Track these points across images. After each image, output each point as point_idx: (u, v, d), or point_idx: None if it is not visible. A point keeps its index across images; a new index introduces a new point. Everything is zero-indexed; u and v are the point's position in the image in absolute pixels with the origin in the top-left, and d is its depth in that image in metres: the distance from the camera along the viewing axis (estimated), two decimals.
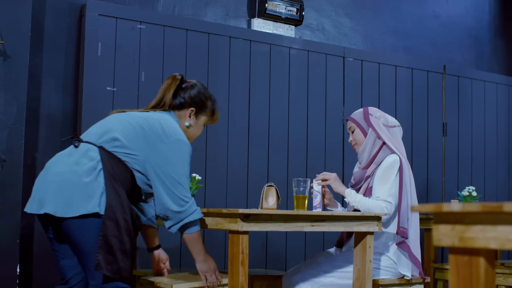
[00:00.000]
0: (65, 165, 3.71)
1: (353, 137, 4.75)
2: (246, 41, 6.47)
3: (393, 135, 4.74)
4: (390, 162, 4.57)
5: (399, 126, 4.82)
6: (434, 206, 1.93)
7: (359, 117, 4.73)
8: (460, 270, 1.90)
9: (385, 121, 4.73)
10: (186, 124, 4.16)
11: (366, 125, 4.70)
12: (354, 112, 4.80)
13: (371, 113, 4.72)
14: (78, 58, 5.80)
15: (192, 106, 4.18)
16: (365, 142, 4.68)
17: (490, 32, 8.61)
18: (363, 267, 4.21)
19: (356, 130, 4.72)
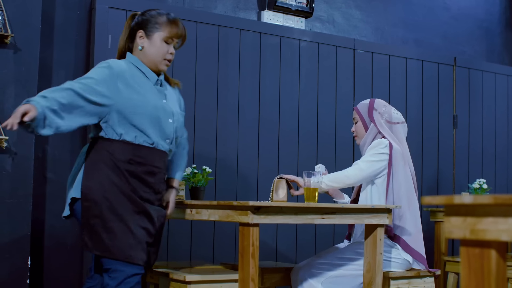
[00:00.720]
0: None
1: (355, 128, 4.76)
2: (256, 33, 6.47)
3: (395, 132, 4.71)
4: (377, 142, 4.57)
5: (403, 122, 4.77)
6: (445, 198, 1.92)
7: (363, 110, 4.72)
8: (472, 263, 1.90)
9: (389, 117, 4.70)
10: (139, 48, 4.03)
11: (368, 119, 4.68)
12: (361, 103, 4.79)
13: (375, 108, 4.69)
14: (88, 50, 5.81)
15: (138, 30, 4.06)
16: (365, 136, 4.68)
17: (501, 24, 8.57)
18: (373, 259, 4.21)
19: (358, 122, 4.73)
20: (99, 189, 3.71)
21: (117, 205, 3.72)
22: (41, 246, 5.59)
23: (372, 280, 4.21)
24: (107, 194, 3.70)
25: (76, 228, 5.66)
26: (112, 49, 5.74)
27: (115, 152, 3.79)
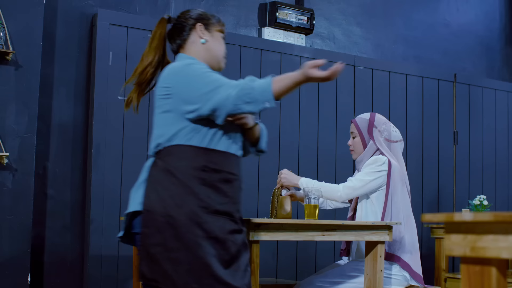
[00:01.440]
0: None
1: (352, 143, 4.67)
2: (256, 50, 6.48)
3: (393, 150, 4.65)
4: (374, 159, 4.52)
5: (401, 140, 4.72)
6: (446, 215, 1.92)
7: (363, 126, 4.64)
8: (472, 280, 1.90)
9: (388, 135, 4.64)
10: (202, 41, 3.62)
11: (368, 136, 4.61)
12: (360, 117, 4.71)
13: (376, 125, 4.63)
14: (89, 67, 5.82)
15: (198, 23, 3.64)
16: (363, 153, 4.60)
17: (501, 40, 8.59)
18: (374, 276, 4.20)
19: (357, 137, 4.64)
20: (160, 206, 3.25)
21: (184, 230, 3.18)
22: (41, 262, 5.58)
23: None
24: (173, 211, 3.20)
25: (76, 244, 5.65)
26: (113, 66, 5.75)
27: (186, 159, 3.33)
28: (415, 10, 7.86)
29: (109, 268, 5.64)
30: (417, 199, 7.33)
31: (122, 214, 5.64)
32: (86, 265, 5.60)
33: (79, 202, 5.72)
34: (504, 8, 8.65)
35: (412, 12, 7.83)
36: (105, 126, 5.69)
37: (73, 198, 5.71)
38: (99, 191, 5.63)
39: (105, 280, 5.62)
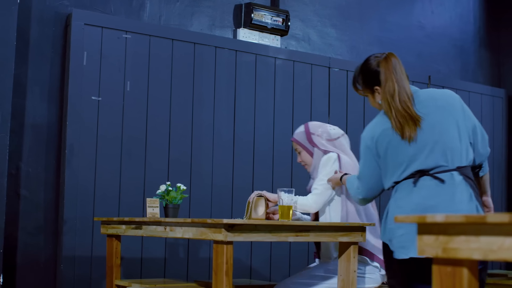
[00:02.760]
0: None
1: (301, 158, 4.69)
2: (231, 51, 6.48)
3: (339, 146, 4.68)
4: (324, 159, 4.55)
5: (343, 135, 4.74)
6: (418, 217, 1.93)
7: (302, 139, 4.65)
8: (444, 281, 1.91)
9: (327, 135, 4.65)
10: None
11: (310, 146, 4.63)
12: (296, 132, 4.72)
13: (312, 132, 4.64)
14: (63, 67, 5.79)
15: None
16: (314, 162, 4.62)
17: (475, 43, 8.64)
18: (347, 277, 4.21)
19: (302, 152, 4.66)
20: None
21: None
22: (13, 263, 5.54)
23: None
24: None
25: (49, 245, 5.62)
26: (87, 66, 5.73)
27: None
28: (390, 12, 7.89)
29: (82, 269, 5.61)
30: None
31: (96, 215, 5.62)
32: (59, 266, 5.57)
33: (52, 203, 5.68)
34: (478, 11, 8.70)
35: (387, 14, 7.86)
36: (78, 126, 5.67)
37: (46, 198, 5.67)
38: (72, 191, 5.60)
39: (78, 281, 5.59)
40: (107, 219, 5.00)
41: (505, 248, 1.76)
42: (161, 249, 5.97)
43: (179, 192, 4.83)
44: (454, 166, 3.48)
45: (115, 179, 5.81)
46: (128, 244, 5.74)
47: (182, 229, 4.08)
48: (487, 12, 8.79)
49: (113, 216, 5.64)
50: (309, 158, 4.65)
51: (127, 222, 4.76)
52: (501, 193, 8.37)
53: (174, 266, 6.03)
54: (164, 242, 5.99)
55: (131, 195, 5.86)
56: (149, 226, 4.46)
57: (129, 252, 5.80)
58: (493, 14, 8.83)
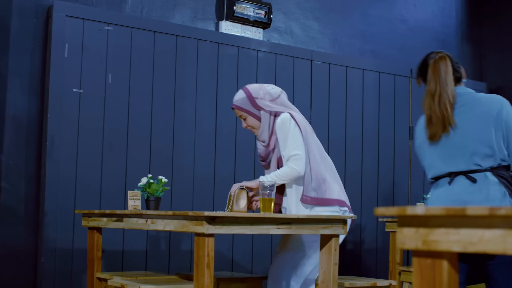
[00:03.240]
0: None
1: (247, 124, 4.69)
2: (214, 43, 6.47)
3: (283, 103, 4.72)
4: (279, 123, 4.56)
5: (282, 91, 4.78)
6: (398, 209, 1.93)
7: (246, 105, 4.66)
8: (424, 273, 1.91)
9: (270, 96, 4.68)
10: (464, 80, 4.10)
11: (256, 110, 4.65)
12: (238, 99, 4.70)
13: (255, 96, 4.66)
14: (44, 59, 5.77)
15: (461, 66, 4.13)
16: (262, 124, 4.64)
17: (457, 36, 8.67)
18: (328, 269, 4.22)
19: (248, 117, 4.66)
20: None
21: None
22: None
23: None
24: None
25: (30, 238, 5.60)
26: (69, 58, 5.70)
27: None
28: (372, 5, 7.90)
29: (63, 261, 5.60)
30: (372, 194, 7.38)
31: (77, 207, 5.61)
32: (40, 258, 5.55)
33: (33, 195, 5.66)
34: (460, 4, 8.72)
35: (370, 7, 7.87)
36: (60, 118, 5.65)
37: (27, 191, 5.65)
38: (53, 183, 5.58)
39: (59, 273, 5.58)
40: (88, 211, 4.99)
41: (485, 241, 1.76)
42: (143, 241, 5.97)
43: (160, 184, 4.83)
44: (487, 167, 3.61)
45: (97, 171, 5.80)
46: (109, 237, 5.73)
47: (164, 221, 4.07)
48: (469, 6, 8.82)
49: (94, 209, 5.62)
50: (257, 122, 4.66)
51: (108, 214, 4.75)
52: None
53: (155, 259, 6.02)
54: (146, 235, 5.98)
55: (112, 188, 5.85)
56: (131, 218, 4.45)
57: (110, 244, 5.79)
58: (475, 8, 8.86)
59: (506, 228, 1.72)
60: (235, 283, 4.87)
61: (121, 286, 4.26)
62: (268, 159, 4.72)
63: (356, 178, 7.27)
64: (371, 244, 7.35)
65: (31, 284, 5.61)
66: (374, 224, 7.36)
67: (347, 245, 7.18)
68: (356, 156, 7.30)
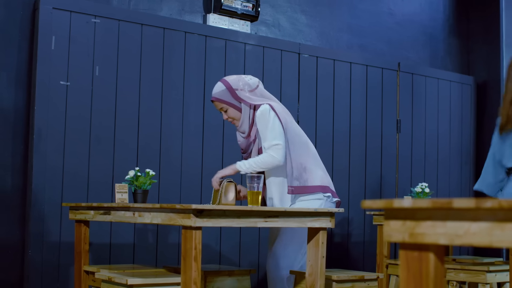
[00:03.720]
0: None
1: (228, 115, 4.75)
2: (201, 36, 6.46)
3: (261, 94, 4.79)
4: (261, 113, 4.63)
5: (259, 81, 4.87)
6: (385, 202, 1.94)
7: (227, 97, 4.72)
8: (410, 266, 1.92)
9: (249, 87, 4.76)
10: None
11: (237, 101, 4.72)
12: (217, 92, 4.75)
13: (235, 88, 4.72)
14: (31, 51, 5.74)
15: None
16: (243, 115, 4.72)
17: (445, 30, 8.68)
18: (316, 262, 4.22)
19: (229, 109, 4.73)
20: None
21: None
22: None
23: (314, 283, 4.23)
24: None
25: (17, 230, 5.59)
26: (55, 50, 5.68)
27: None
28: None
29: (50, 254, 5.59)
30: (359, 187, 7.39)
31: (64, 200, 5.60)
32: (27, 252, 5.54)
33: (20, 188, 5.65)
34: None
35: (357, 1, 7.87)
36: (47, 111, 5.63)
37: (14, 183, 5.63)
38: (40, 176, 5.57)
39: (47, 266, 5.57)
40: (76, 204, 4.98)
41: (471, 233, 1.77)
42: (130, 234, 5.96)
43: (148, 177, 4.82)
44: None
45: (84, 164, 5.78)
46: (96, 230, 5.73)
47: (151, 214, 4.07)
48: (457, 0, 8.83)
49: (81, 202, 5.61)
50: (238, 113, 4.73)
51: (95, 207, 4.74)
52: (469, 178, 8.44)
53: (143, 252, 6.02)
54: (133, 228, 5.98)
55: (99, 181, 5.84)
56: (118, 211, 4.44)
57: (97, 237, 5.78)
58: (463, 1, 8.87)
59: (492, 221, 1.73)
60: (223, 276, 4.88)
61: (108, 279, 4.25)
62: (249, 150, 4.79)
63: (344, 171, 7.28)
64: (359, 237, 7.37)
65: (18, 277, 5.60)
66: (362, 218, 7.38)
67: (335, 238, 7.19)
68: (344, 149, 7.31)
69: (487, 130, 8.49)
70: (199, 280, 3.75)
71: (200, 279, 3.75)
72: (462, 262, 6.35)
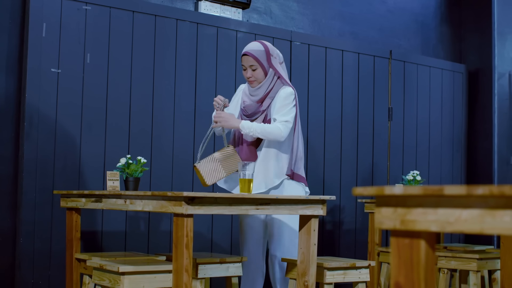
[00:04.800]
0: None
1: (254, 75, 4.85)
2: (193, 23, 6.44)
3: (284, 69, 4.98)
4: (288, 93, 4.80)
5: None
6: (376, 189, 1.94)
7: (262, 57, 4.84)
8: (401, 253, 1.92)
9: (279, 58, 4.94)
10: None
11: (267, 65, 4.84)
12: (254, 49, 4.86)
13: (272, 54, 4.87)
14: (22, 38, 5.72)
15: None
16: (266, 80, 4.85)
17: (436, 18, 8.68)
18: (307, 250, 4.23)
19: (258, 69, 4.83)
20: None
21: None
22: None
23: (306, 270, 4.23)
24: None
25: (8, 219, 5.58)
26: (46, 37, 5.66)
27: None
28: None
29: (42, 242, 5.58)
30: (351, 175, 7.39)
31: (56, 188, 5.59)
32: (19, 240, 5.53)
33: (10, 176, 5.63)
34: None
35: None
36: (38, 98, 5.61)
37: (5, 171, 5.62)
38: (31, 164, 5.55)
39: (38, 254, 5.56)
40: (67, 192, 4.97)
41: (462, 220, 1.77)
42: (122, 222, 5.95)
43: (139, 165, 4.82)
44: None
45: (75, 151, 5.77)
46: (88, 218, 5.72)
47: (142, 202, 4.07)
48: None
49: (73, 189, 5.61)
50: (263, 76, 4.86)
51: (87, 195, 4.73)
52: (460, 166, 8.46)
53: (134, 240, 6.01)
54: (125, 216, 5.97)
55: (91, 168, 5.82)
56: (109, 199, 4.44)
57: (89, 225, 5.77)
58: None
59: (483, 208, 1.73)
60: (214, 263, 4.88)
61: (100, 266, 4.25)
62: (254, 117, 4.82)
63: (335, 159, 7.28)
64: (350, 225, 7.38)
65: (9, 265, 5.59)
66: (353, 205, 7.39)
67: (326, 226, 7.20)
68: (335, 137, 7.31)
69: (479, 118, 8.50)
70: (191, 267, 3.75)
71: (191, 266, 3.75)
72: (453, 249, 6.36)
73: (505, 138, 8.45)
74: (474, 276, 5.75)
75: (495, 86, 8.42)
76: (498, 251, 6.14)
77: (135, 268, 4.08)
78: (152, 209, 3.98)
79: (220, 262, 4.91)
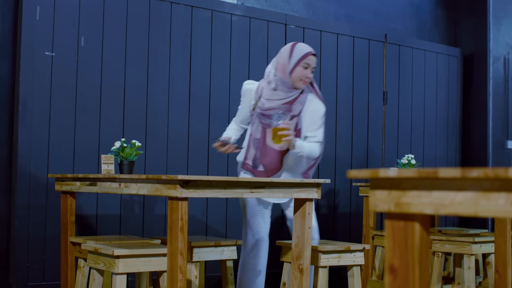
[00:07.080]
0: None
1: (311, 76, 4.81)
2: (187, 6, 6.41)
3: None
4: (322, 112, 4.80)
5: None
6: (371, 171, 1.94)
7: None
8: (396, 235, 1.92)
9: None
10: None
11: None
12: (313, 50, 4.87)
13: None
14: (15, 21, 5.70)
15: None
16: (306, 88, 4.84)
17: (431, 2, 8.66)
18: (302, 233, 4.23)
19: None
20: None
21: None
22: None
23: (300, 253, 4.24)
24: None
25: (3, 202, 5.58)
26: (40, 21, 5.64)
27: None
28: None
29: (37, 226, 5.58)
30: (346, 158, 7.39)
31: (50, 171, 5.58)
32: (13, 223, 5.53)
33: (5, 159, 5.63)
34: None
35: None
36: (32, 81, 5.60)
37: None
38: (26, 147, 5.54)
39: (33, 238, 5.56)
40: (62, 175, 4.97)
41: (457, 203, 1.77)
42: (116, 206, 5.95)
43: (134, 148, 4.81)
44: None
45: (70, 135, 5.76)
46: (83, 201, 5.72)
47: (137, 185, 4.06)
48: None
49: (67, 173, 5.60)
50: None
51: (81, 178, 4.73)
52: (455, 150, 8.46)
53: (129, 223, 6.02)
54: (120, 199, 5.97)
55: (85, 152, 5.82)
56: (104, 182, 4.44)
57: (84, 209, 5.77)
58: None
59: (478, 190, 1.73)
60: (209, 246, 4.89)
61: (94, 250, 4.25)
62: (272, 119, 4.72)
63: (330, 142, 7.28)
64: (345, 208, 7.38)
65: (4, 249, 5.59)
66: (348, 189, 7.39)
67: (321, 210, 7.21)
68: (330, 120, 7.30)
69: (474, 102, 8.50)
70: (186, 250, 3.75)
71: (186, 249, 3.76)
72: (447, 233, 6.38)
73: (499, 122, 8.46)
74: (468, 260, 5.77)
75: (490, 70, 8.42)
76: (492, 235, 6.15)
77: (130, 251, 4.08)
78: (147, 192, 3.98)
79: (215, 246, 4.92)
